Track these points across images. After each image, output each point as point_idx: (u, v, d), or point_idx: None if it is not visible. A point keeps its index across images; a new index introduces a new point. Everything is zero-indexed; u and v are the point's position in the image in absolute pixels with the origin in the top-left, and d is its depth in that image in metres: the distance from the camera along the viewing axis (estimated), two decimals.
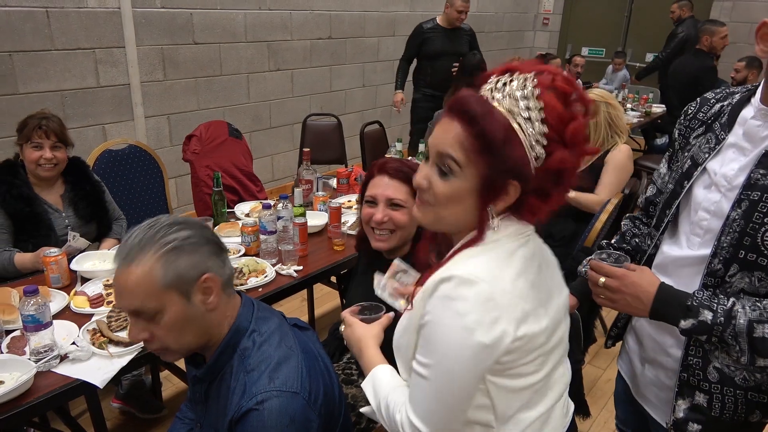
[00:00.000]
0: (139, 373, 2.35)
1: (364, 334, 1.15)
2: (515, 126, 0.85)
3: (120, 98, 3.71)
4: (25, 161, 2.14)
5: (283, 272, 1.97)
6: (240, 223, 2.20)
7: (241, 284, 1.86)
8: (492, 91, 0.88)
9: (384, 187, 1.60)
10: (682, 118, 1.25)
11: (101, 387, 1.41)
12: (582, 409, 1.93)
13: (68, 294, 1.77)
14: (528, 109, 0.85)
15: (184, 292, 1.08)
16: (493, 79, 0.90)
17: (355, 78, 5.40)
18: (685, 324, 1.04)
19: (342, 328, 1.22)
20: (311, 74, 4.95)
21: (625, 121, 2.92)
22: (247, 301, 1.24)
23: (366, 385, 1.07)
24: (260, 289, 1.86)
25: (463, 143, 0.87)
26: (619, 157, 2.73)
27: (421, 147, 3.38)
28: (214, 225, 2.33)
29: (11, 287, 1.73)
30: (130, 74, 3.72)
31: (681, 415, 1.15)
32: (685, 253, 1.14)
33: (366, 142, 4.01)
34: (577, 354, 1.42)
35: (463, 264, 0.91)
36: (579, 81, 5.59)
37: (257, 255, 2.08)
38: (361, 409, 1.10)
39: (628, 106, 5.36)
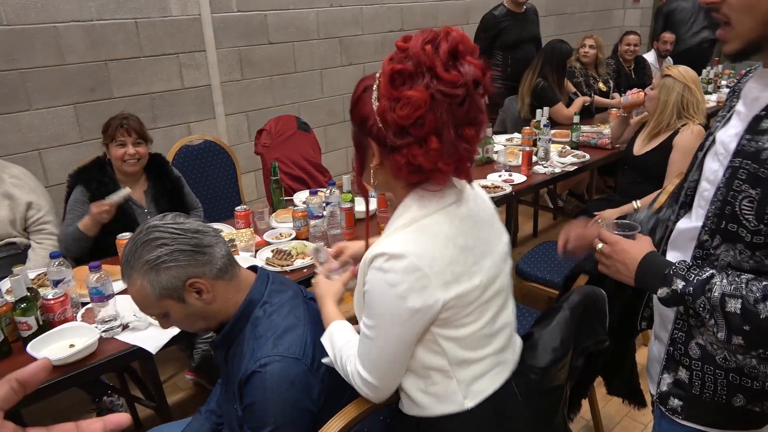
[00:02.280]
0: (208, 348, 2.55)
1: (326, 290, 1.31)
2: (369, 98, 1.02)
3: (202, 98, 4.00)
4: (111, 159, 2.37)
5: None
6: (292, 209, 2.33)
7: (288, 265, 1.98)
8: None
9: None
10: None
11: (154, 353, 1.58)
12: (637, 399, 1.86)
13: None
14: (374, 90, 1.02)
15: (176, 297, 1.19)
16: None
17: None
18: (660, 293, 1.01)
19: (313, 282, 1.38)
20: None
21: (706, 104, 2.74)
22: (263, 275, 1.34)
23: (324, 339, 1.21)
24: (305, 270, 1.97)
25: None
26: (687, 138, 2.57)
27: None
28: (272, 212, 2.48)
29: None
30: (211, 75, 4.00)
31: (664, 388, 1.13)
32: (687, 225, 1.09)
33: None
34: (600, 334, 1.38)
35: (394, 239, 1.03)
36: (669, 58, 5.24)
37: (307, 239, 2.19)
38: (323, 360, 1.21)
39: (723, 82, 4.95)
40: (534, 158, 3.01)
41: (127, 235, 2.05)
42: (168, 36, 3.74)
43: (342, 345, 1.16)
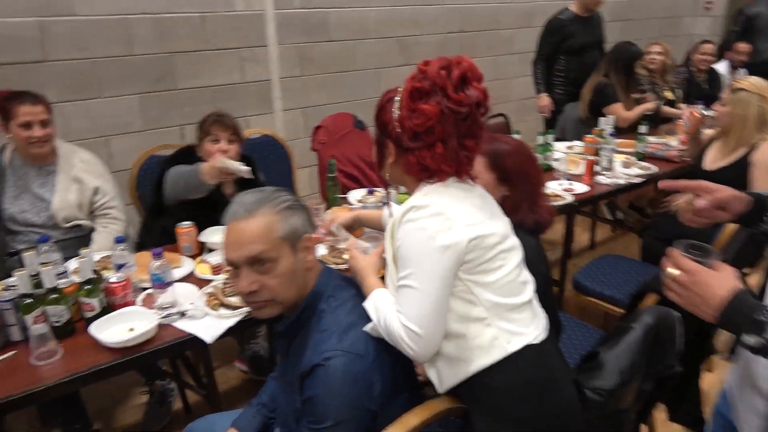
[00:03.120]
0: (258, 349, 2.55)
1: (364, 264, 1.38)
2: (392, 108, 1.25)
3: (262, 93, 4.06)
4: (204, 156, 2.27)
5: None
6: (349, 207, 2.32)
7: (342, 263, 1.96)
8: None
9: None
10: None
11: (209, 342, 1.59)
12: (700, 428, 1.76)
13: (195, 261, 2.00)
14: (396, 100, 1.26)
15: (293, 246, 1.24)
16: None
17: (487, 71, 5.29)
18: (749, 340, 0.89)
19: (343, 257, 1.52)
20: None
21: None
22: (326, 269, 1.35)
23: (368, 305, 1.28)
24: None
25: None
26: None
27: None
28: (327, 209, 2.48)
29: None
30: (271, 71, 4.04)
31: None
32: None
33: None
34: (672, 359, 1.30)
35: (416, 196, 1.24)
36: (744, 70, 4.98)
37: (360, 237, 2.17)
38: (365, 327, 1.26)
39: None
40: (596, 168, 2.90)
41: (187, 223, 2.08)
42: (232, 30, 3.81)
43: (386, 309, 1.23)
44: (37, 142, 2.21)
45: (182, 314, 1.67)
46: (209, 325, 1.63)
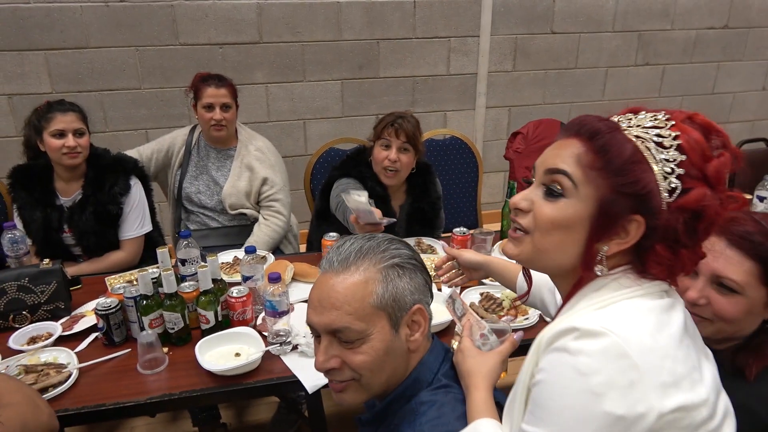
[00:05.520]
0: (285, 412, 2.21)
1: (476, 367, 0.96)
2: (642, 148, 0.74)
3: (465, 87, 3.74)
4: (373, 163, 2.05)
5: (547, 320, 1.60)
6: None
7: (491, 320, 1.58)
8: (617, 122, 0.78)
9: (718, 257, 1.06)
10: None
11: (309, 393, 1.36)
12: None
13: None
14: (660, 136, 0.74)
15: (394, 319, 0.93)
16: (615, 117, 0.79)
17: (751, 78, 4.25)
18: None
19: (452, 349, 1.04)
20: (690, 71, 4.09)
21: None
22: (438, 346, 1.02)
23: None
24: (514, 335, 1.55)
25: (581, 158, 0.76)
26: None
27: None
28: (500, 238, 2.08)
29: (289, 260, 1.86)
30: (480, 63, 3.69)
31: None
32: None
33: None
34: None
35: (587, 315, 0.75)
36: None
37: None
38: None
39: None
40: None
41: (334, 235, 1.89)
42: (443, 18, 3.53)
43: None
44: (216, 125, 2.22)
45: (295, 347, 1.47)
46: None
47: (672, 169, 0.72)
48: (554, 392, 0.73)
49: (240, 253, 1.98)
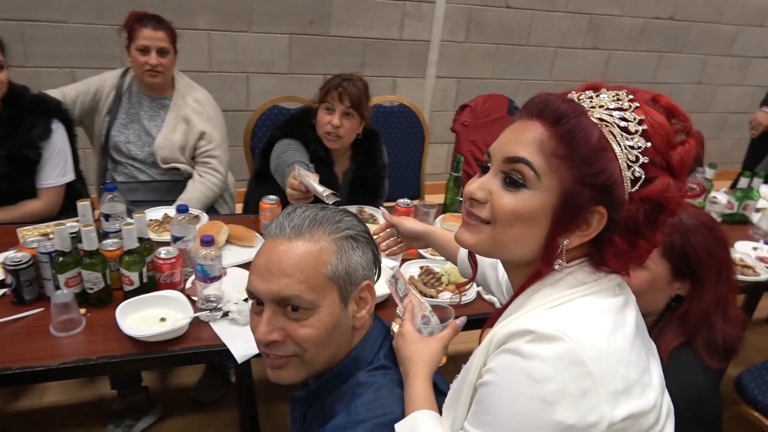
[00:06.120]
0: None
1: (416, 354, 0.92)
2: (607, 133, 0.69)
3: (416, 54, 3.67)
4: (316, 125, 1.96)
5: (486, 297, 1.61)
6: None
7: (431, 296, 1.57)
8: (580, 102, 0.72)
9: None
10: None
11: (239, 362, 1.30)
12: None
13: None
14: (624, 120, 0.70)
15: (344, 293, 0.88)
16: (574, 94, 0.74)
17: (689, 72, 4.41)
18: None
19: (393, 331, 0.99)
20: (633, 59, 4.19)
21: None
22: (379, 325, 0.99)
23: (401, 429, 0.83)
24: (447, 309, 1.54)
25: (544, 145, 0.71)
26: None
27: None
28: (442, 212, 2.07)
29: (223, 221, 1.77)
30: (433, 31, 3.62)
31: None
32: None
33: None
34: None
35: (542, 315, 0.72)
36: None
37: None
38: None
39: None
40: None
41: (273, 198, 1.81)
42: None
43: None
44: (151, 71, 2.05)
45: (225, 314, 1.40)
46: (247, 339, 1.34)
47: (636, 157, 0.68)
48: (504, 397, 0.70)
49: (171, 210, 1.87)
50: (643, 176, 0.69)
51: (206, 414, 2.06)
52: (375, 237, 1.41)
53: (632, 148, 0.68)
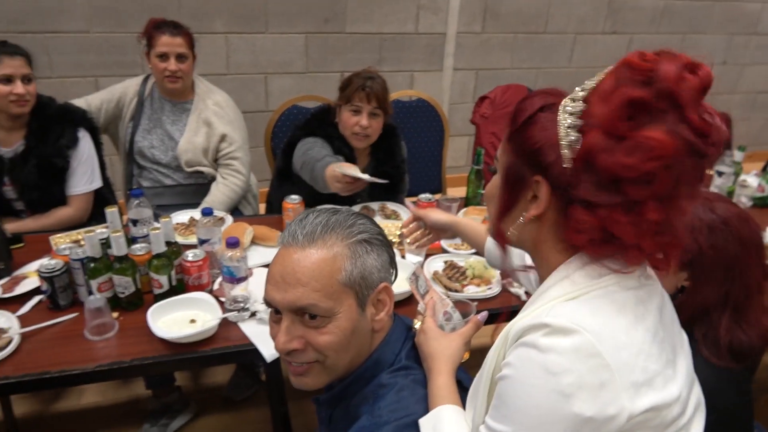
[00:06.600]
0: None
1: (438, 350, 0.93)
2: (551, 107, 0.72)
3: (433, 47, 3.65)
4: (340, 126, 1.97)
5: (512, 290, 1.60)
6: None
7: (455, 290, 1.57)
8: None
9: None
10: None
11: (268, 361, 1.32)
12: None
13: None
14: (583, 89, 0.71)
15: (361, 297, 0.88)
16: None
17: (713, 52, 4.30)
18: None
19: (415, 328, 1.00)
20: (656, 42, 4.10)
21: None
22: (400, 325, 0.99)
23: (425, 424, 0.84)
24: (475, 303, 1.54)
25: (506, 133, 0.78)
26: None
27: None
28: (464, 205, 2.07)
29: (248, 222, 1.79)
30: (449, 23, 3.60)
31: None
32: None
33: None
34: None
35: (557, 308, 0.71)
36: None
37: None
38: None
39: None
40: None
41: (296, 198, 1.83)
42: None
43: None
44: (170, 77, 2.08)
45: (253, 314, 1.43)
46: None
47: (572, 122, 0.69)
48: (521, 390, 0.70)
49: (196, 213, 1.90)
50: (580, 139, 0.69)
51: (238, 412, 2.10)
52: (402, 230, 1.44)
53: (571, 113, 0.70)
